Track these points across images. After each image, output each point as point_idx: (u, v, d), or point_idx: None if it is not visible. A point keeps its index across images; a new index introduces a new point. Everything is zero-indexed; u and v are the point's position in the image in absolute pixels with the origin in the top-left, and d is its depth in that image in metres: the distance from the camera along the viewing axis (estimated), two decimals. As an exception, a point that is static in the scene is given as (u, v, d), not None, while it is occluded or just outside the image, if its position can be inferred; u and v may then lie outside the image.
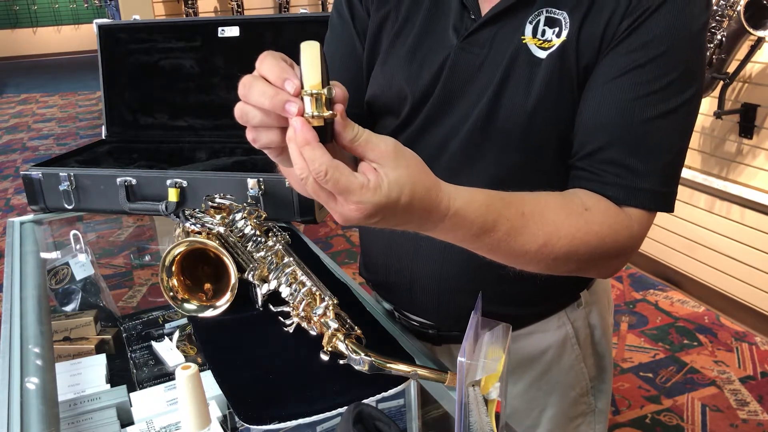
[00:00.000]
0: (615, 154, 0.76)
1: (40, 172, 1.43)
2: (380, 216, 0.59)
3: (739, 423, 2.23)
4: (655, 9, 0.73)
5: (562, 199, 0.76)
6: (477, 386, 0.60)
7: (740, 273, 2.79)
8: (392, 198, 0.58)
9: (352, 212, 0.58)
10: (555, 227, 0.72)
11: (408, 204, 0.60)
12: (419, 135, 0.88)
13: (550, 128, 0.80)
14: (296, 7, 4.17)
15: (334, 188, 0.56)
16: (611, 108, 0.75)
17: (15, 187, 5.09)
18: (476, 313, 0.62)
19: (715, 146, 2.83)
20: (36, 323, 1.01)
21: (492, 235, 0.68)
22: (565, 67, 0.77)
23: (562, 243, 0.72)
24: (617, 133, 0.75)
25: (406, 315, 1.01)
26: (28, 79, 9.81)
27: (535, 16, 0.79)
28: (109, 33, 1.71)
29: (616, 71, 0.75)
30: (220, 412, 0.89)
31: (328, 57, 0.84)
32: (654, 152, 0.75)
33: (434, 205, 0.63)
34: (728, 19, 2.42)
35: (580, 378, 1.00)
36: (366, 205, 0.57)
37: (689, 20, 0.73)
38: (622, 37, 0.74)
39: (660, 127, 0.75)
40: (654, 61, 0.73)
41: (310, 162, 0.55)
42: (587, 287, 0.98)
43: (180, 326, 1.18)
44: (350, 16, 0.93)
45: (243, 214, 1.09)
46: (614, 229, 0.75)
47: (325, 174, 0.55)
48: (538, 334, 0.96)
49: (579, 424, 1.02)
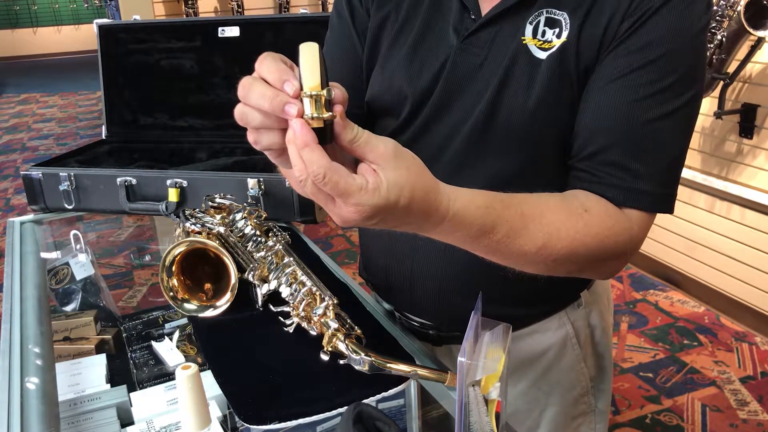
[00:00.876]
0: (615, 156, 0.76)
1: (40, 172, 1.43)
2: (379, 218, 0.59)
3: (739, 423, 2.23)
4: (656, 10, 0.73)
5: (562, 200, 0.76)
6: (477, 386, 0.60)
7: (740, 273, 2.79)
8: (391, 200, 0.58)
9: (351, 214, 0.58)
10: (555, 229, 0.72)
11: (407, 206, 0.60)
12: (419, 135, 0.88)
13: (550, 129, 0.80)
14: (296, 7, 4.17)
15: (332, 191, 0.56)
16: (611, 110, 0.75)
17: (15, 187, 5.09)
18: (476, 313, 0.62)
19: (715, 146, 2.83)
20: (36, 323, 1.01)
21: (491, 236, 0.68)
22: (565, 67, 0.77)
23: (562, 244, 0.72)
24: (617, 135, 0.75)
25: (407, 316, 1.01)
26: (28, 79, 9.81)
27: (535, 16, 0.79)
28: (110, 33, 1.71)
29: (617, 72, 0.75)
30: (220, 412, 0.89)
31: (328, 57, 0.85)
32: (654, 154, 0.75)
33: (434, 207, 0.63)
34: (728, 19, 2.42)
35: (581, 378, 1.00)
36: (365, 207, 0.57)
37: (690, 22, 0.73)
38: (622, 39, 0.74)
39: (660, 128, 0.75)
40: (654, 62, 0.73)
41: (308, 164, 0.55)
42: (587, 287, 0.98)
43: (180, 326, 1.19)
44: (350, 16, 0.93)
45: (243, 214, 1.09)
46: (614, 231, 0.75)
47: (323, 177, 0.55)
48: (538, 334, 0.96)
49: (579, 424, 1.02)
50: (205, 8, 4.00)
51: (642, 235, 0.78)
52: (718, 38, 2.44)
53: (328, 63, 0.58)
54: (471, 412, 0.60)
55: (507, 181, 0.82)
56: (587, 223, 0.73)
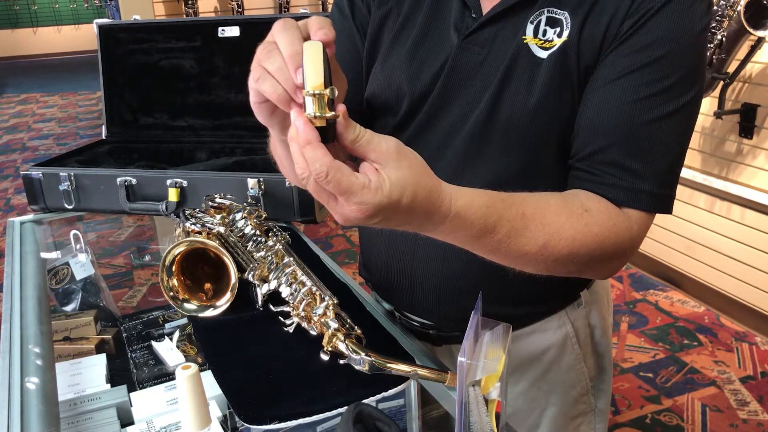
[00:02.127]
0: (615, 156, 0.76)
1: (41, 172, 1.43)
2: (381, 216, 0.59)
3: (739, 423, 2.23)
4: (657, 11, 0.73)
5: (563, 200, 0.76)
6: (477, 386, 0.60)
7: (740, 273, 2.79)
8: (393, 199, 0.58)
9: (353, 213, 0.58)
10: (555, 229, 0.72)
11: (409, 205, 0.60)
12: (419, 134, 0.88)
13: (551, 128, 0.80)
14: (296, 7, 4.17)
15: (335, 189, 0.56)
16: (612, 109, 0.75)
17: (15, 187, 5.09)
18: (476, 313, 0.62)
19: (715, 146, 2.83)
20: (36, 323, 1.01)
21: (492, 236, 0.69)
22: (566, 67, 0.77)
23: (563, 245, 0.72)
24: (617, 135, 0.75)
25: (407, 315, 1.01)
26: (28, 79, 9.81)
27: (536, 15, 0.79)
28: (110, 33, 1.71)
29: (617, 72, 0.75)
30: (220, 412, 0.89)
31: None
32: (654, 154, 0.75)
33: (436, 206, 0.63)
34: (728, 19, 2.42)
35: (581, 378, 1.00)
36: (367, 206, 0.57)
37: (691, 23, 0.73)
38: (623, 39, 0.74)
39: (660, 129, 0.75)
40: (655, 63, 0.73)
41: (311, 162, 0.55)
42: (587, 287, 0.98)
43: (180, 326, 1.18)
44: (351, 12, 0.93)
45: (243, 214, 1.09)
46: (614, 231, 0.75)
47: (326, 175, 0.55)
48: (538, 333, 0.96)
49: (579, 424, 1.02)
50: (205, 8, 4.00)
51: (642, 234, 0.78)
52: (718, 38, 2.44)
53: None
54: (471, 412, 0.60)
55: (508, 181, 0.82)
56: (588, 223, 0.73)
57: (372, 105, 0.94)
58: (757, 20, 2.35)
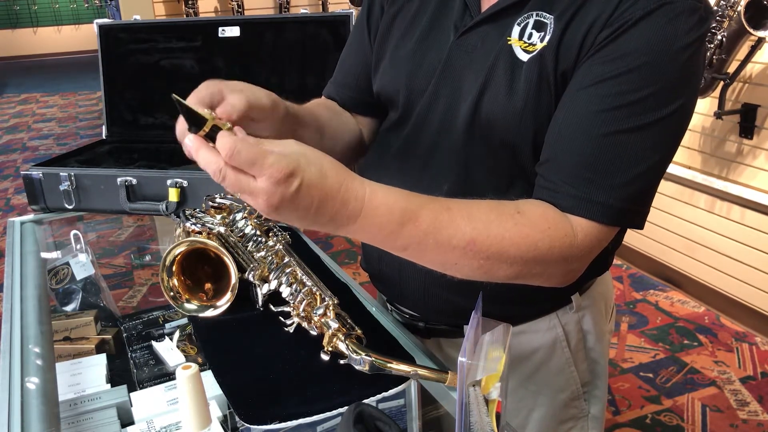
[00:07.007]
0: (570, 164, 0.74)
1: (41, 172, 1.43)
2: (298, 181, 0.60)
3: (739, 423, 2.23)
4: (635, 22, 0.71)
5: (495, 203, 0.74)
6: (477, 386, 0.60)
7: (740, 273, 2.79)
8: (302, 163, 0.61)
9: (272, 185, 0.59)
10: (483, 225, 0.70)
11: (320, 173, 0.62)
12: (417, 131, 0.89)
13: (531, 133, 0.79)
14: (296, 7, 4.17)
15: (246, 159, 0.59)
16: (575, 118, 0.74)
17: (15, 187, 5.09)
18: (476, 313, 0.62)
19: (716, 146, 2.83)
20: (36, 323, 1.01)
21: (416, 224, 0.68)
22: (544, 71, 0.77)
23: (491, 242, 0.70)
24: (576, 144, 0.74)
25: (398, 307, 1.02)
26: (28, 79, 9.81)
27: (524, 18, 0.79)
28: (110, 33, 1.71)
29: (589, 80, 0.74)
30: (221, 412, 0.89)
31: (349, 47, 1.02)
32: (615, 166, 0.73)
33: (350, 179, 0.64)
34: (728, 20, 2.42)
35: (571, 382, 0.98)
36: (279, 167, 0.59)
37: (672, 36, 0.71)
38: (600, 47, 0.73)
39: (626, 141, 0.72)
40: (628, 74, 0.72)
41: (220, 149, 0.60)
42: (579, 291, 0.97)
43: (180, 326, 1.18)
44: (367, 10, 0.99)
45: (243, 214, 1.09)
46: (548, 234, 0.73)
47: (232, 150, 0.59)
48: (528, 334, 0.96)
49: (570, 428, 1.01)
50: (206, 8, 4.00)
51: (589, 244, 0.75)
52: (718, 38, 2.44)
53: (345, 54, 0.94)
54: (471, 412, 0.60)
55: (501, 184, 0.82)
56: (518, 223, 0.72)
57: (381, 99, 0.96)
58: (757, 20, 2.35)
